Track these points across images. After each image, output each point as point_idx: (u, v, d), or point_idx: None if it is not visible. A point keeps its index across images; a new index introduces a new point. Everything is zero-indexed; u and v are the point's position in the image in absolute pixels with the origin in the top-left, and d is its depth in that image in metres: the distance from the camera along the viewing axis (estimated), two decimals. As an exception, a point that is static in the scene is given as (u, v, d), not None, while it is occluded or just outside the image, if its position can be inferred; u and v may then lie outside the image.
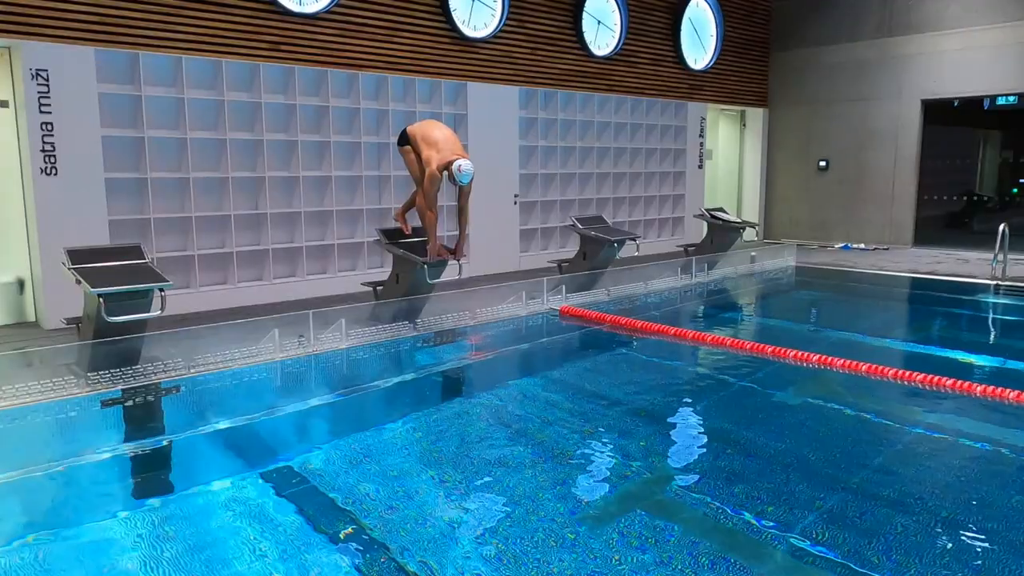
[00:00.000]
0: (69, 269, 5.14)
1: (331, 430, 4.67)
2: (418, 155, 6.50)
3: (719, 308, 8.61)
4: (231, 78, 7.70)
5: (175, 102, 7.43)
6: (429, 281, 6.54)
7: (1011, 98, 13.44)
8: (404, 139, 6.68)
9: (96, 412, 4.72)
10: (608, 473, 3.82)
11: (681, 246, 10.40)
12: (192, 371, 5.32)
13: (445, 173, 6.36)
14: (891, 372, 5.20)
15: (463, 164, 6.29)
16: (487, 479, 3.70)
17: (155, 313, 5.24)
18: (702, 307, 8.63)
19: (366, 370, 5.85)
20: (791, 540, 2.99)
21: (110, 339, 5.13)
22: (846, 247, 12.90)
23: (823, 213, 13.84)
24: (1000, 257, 9.05)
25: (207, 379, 5.26)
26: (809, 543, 2.96)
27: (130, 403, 4.77)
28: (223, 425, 4.47)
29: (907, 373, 5.15)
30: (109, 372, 5.07)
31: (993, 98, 13.12)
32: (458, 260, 6.67)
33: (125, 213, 7.18)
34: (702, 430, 4.53)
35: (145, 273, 5.29)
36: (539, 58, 10.41)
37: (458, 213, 6.73)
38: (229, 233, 7.82)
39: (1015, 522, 3.15)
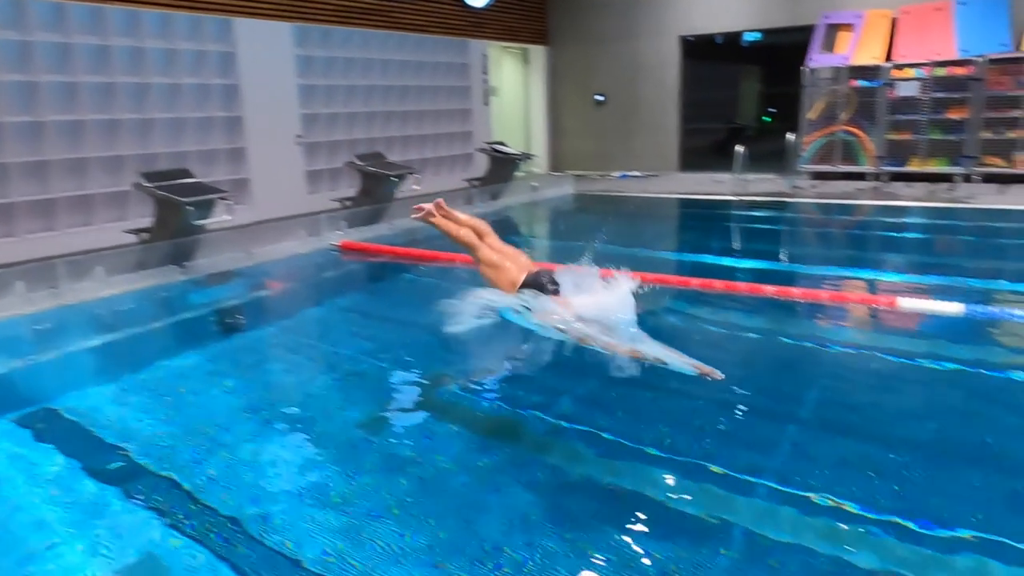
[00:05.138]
0: None
1: (91, 376, 4.51)
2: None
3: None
4: (-54, 11, 6.88)
5: None
6: (195, 223, 6.39)
7: (757, 34, 15.00)
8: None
9: None
10: (394, 384, 4.04)
11: (466, 180, 10.77)
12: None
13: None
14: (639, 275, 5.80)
15: None
16: (278, 406, 3.77)
17: None
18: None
19: (132, 317, 5.66)
20: (549, 420, 3.44)
21: None
22: (623, 176, 13.94)
23: (604, 145, 14.79)
24: (739, 175, 10.27)
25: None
26: (565, 422, 3.41)
27: None
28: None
29: (655, 276, 5.76)
30: None
31: (740, 34, 14.57)
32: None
33: None
34: (481, 341, 4.83)
35: None
36: (311, -7, 10.16)
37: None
38: (-36, 186, 7.09)
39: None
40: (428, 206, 5.07)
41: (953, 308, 4.64)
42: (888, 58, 11.35)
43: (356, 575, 2.32)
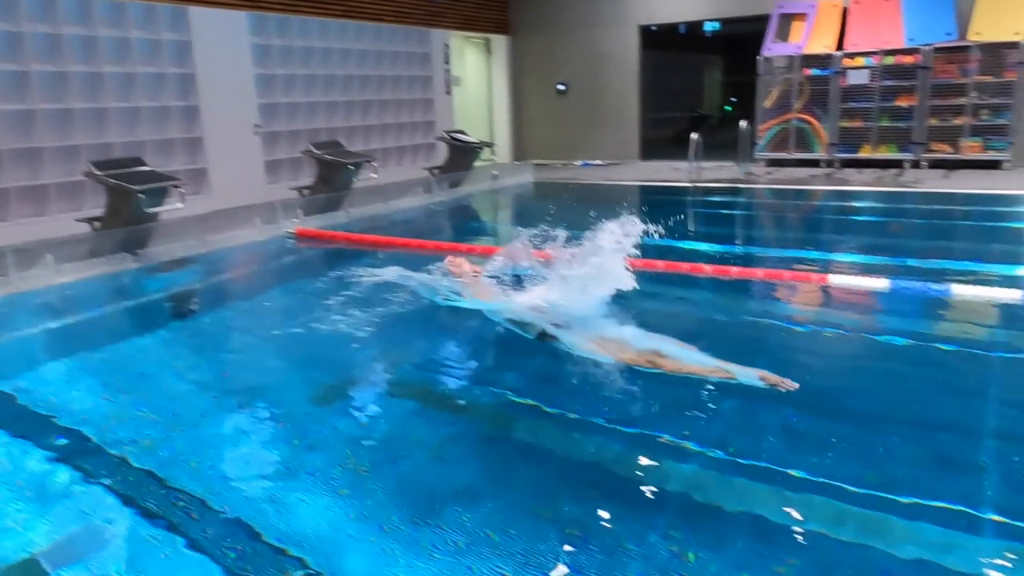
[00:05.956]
0: None
1: (40, 359, 4.50)
2: None
3: (455, 220, 9.21)
4: None
5: None
6: (147, 211, 6.41)
7: (715, 23, 15.21)
8: None
9: None
10: (345, 364, 4.09)
11: (426, 168, 10.85)
12: None
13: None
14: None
15: None
16: (228, 385, 3.82)
17: None
18: (441, 221, 9.18)
19: (82, 303, 5.67)
20: (505, 395, 3.55)
21: None
22: (585, 164, 14.10)
23: (566, 134, 14.92)
24: (695, 163, 10.46)
25: None
26: (515, 395, 3.52)
27: None
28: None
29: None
30: None
31: (700, 24, 14.76)
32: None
33: None
34: (433, 323, 4.91)
35: None
36: (268, -18, 10.14)
37: None
38: (-88, 176, 7.02)
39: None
40: (468, 267, 5.12)
41: (879, 284, 4.85)
42: (840, 47, 11.62)
43: (307, 542, 2.38)
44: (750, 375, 3.42)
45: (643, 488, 2.69)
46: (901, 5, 11.41)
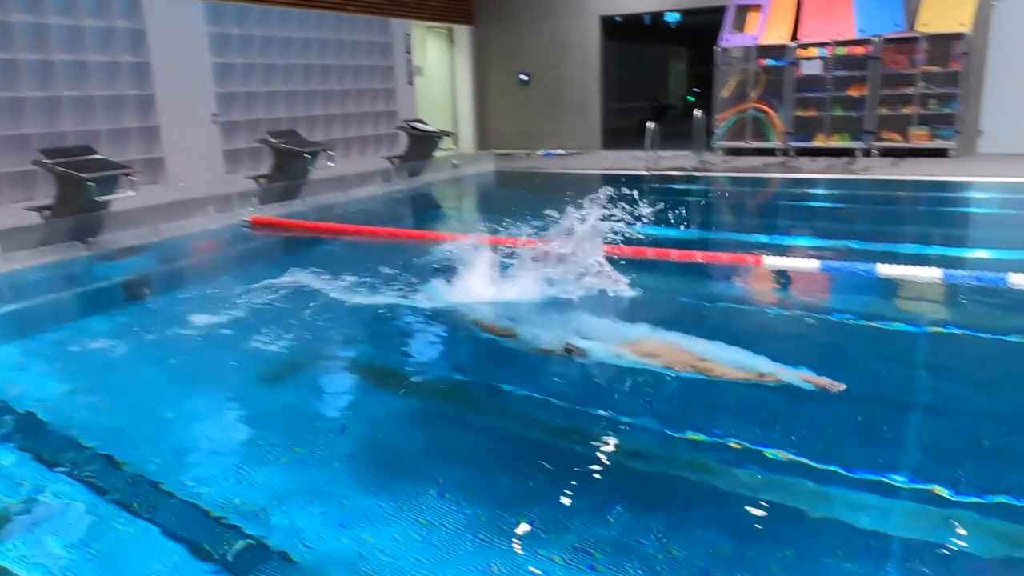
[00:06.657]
0: None
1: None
2: None
3: (413, 209, 9.28)
4: None
5: None
6: (98, 199, 6.40)
7: (676, 14, 15.41)
8: None
9: None
10: (292, 346, 4.12)
11: (386, 157, 10.89)
12: None
13: None
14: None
15: None
16: (176, 366, 3.90)
17: None
18: (399, 209, 9.24)
19: (28, 289, 5.67)
20: (440, 374, 3.68)
21: None
22: (547, 153, 14.21)
23: (530, 124, 15.02)
24: (652, 151, 10.62)
25: None
26: (462, 375, 3.64)
27: None
28: None
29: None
30: None
31: (661, 14, 14.93)
32: None
33: None
34: (370, 303, 4.98)
35: None
36: (224, -30, 10.08)
37: None
38: None
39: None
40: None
41: (810, 264, 5.03)
42: (794, 38, 11.84)
43: (258, 514, 2.44)
44: (795, 378, 3.32)
45: (589, 459, 2.79)
46: (853, -4, 11.65)
